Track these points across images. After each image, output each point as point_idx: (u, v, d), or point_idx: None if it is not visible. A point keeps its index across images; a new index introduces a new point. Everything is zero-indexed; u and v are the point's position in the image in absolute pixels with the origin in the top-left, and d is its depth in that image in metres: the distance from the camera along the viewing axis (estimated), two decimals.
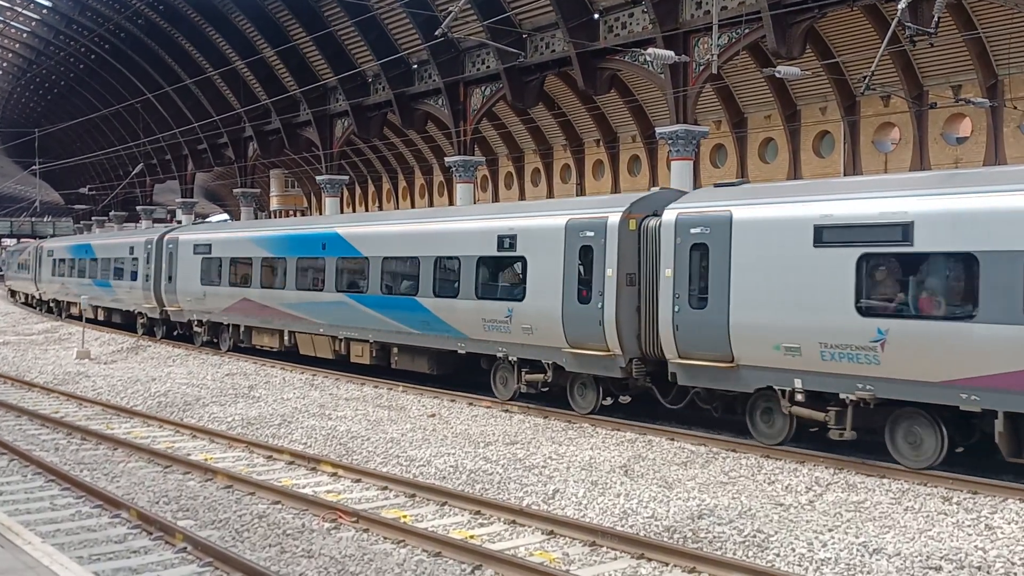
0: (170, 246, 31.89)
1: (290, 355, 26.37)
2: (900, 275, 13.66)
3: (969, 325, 12.54)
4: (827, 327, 13.83)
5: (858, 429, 14.00)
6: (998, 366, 12.22)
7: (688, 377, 15.99)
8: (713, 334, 15.27)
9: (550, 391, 18.85)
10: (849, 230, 13.77)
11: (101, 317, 37.76)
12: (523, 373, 18.81)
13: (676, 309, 15.86)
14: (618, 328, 16.73)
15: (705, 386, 15.95)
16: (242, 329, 28.17)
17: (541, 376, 18.49)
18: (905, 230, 13.16)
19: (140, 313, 34.36)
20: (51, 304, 45.87)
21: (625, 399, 18.78)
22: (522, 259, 18.63)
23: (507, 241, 18.92)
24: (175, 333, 32.71)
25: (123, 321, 36.55)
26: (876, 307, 13.56)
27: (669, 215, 16.26)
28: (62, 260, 43.15)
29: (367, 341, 22.72)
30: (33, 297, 51.38)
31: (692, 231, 15.78)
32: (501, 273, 19.64)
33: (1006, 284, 12.18)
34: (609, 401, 18.42)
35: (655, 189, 18.51)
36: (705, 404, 16.40)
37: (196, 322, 30.54)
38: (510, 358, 18.97)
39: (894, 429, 13.72)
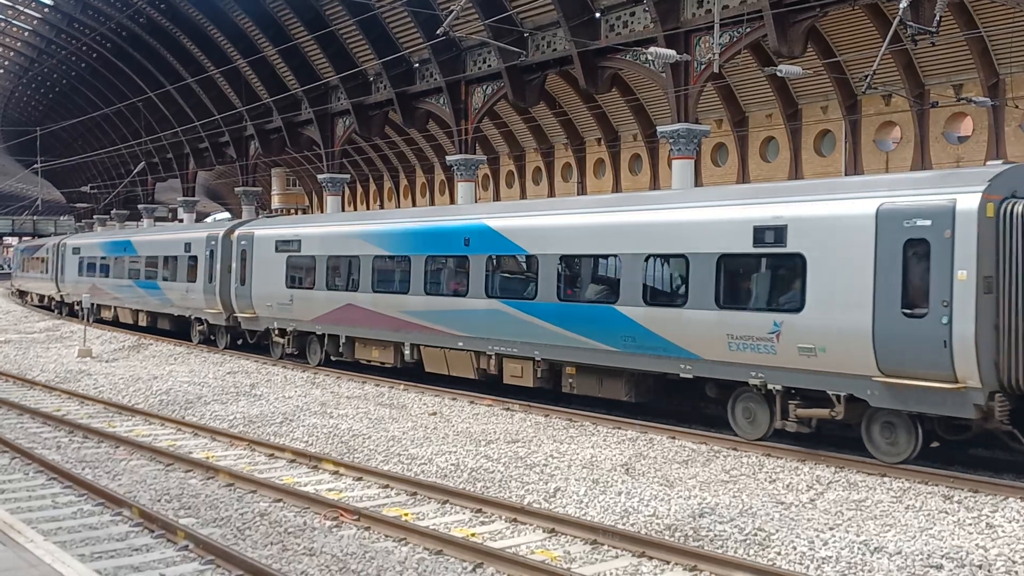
0: (243, 242, 27.82)
1: (408, 372, 23.04)
2: None
3: None
4: None
5: None
6: None
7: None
8: None
9: (819, 430, 14.93)
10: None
11: (143, 322, 33.99)
12: (792, 407, 14.56)
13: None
14: (977, 352, 12.53)
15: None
16: (342, 340, 24.01)
17: (826, 412, 14.21)
18: None
19: (199, 319, 30.41)
20: (76, 307, 39.47)
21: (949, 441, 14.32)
22: (798, 257, 14.30)
23: (771, 234, 14.65)
24: (240, 342, 28.84)
25: (173, 328, 32.20)
26: None
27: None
28: (93, 259, 38.21)
29: (531, 359, 18.58)
30: (50, 299, 47.21)
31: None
32: (758, 276, 15.22)
33: None
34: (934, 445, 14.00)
35: (998, 163, 14.18)
36: None
37: (276, 331, 26.45)
38: (770, 386, 14.75)
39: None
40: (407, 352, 21.84)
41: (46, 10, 59.59)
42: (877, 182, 14.28)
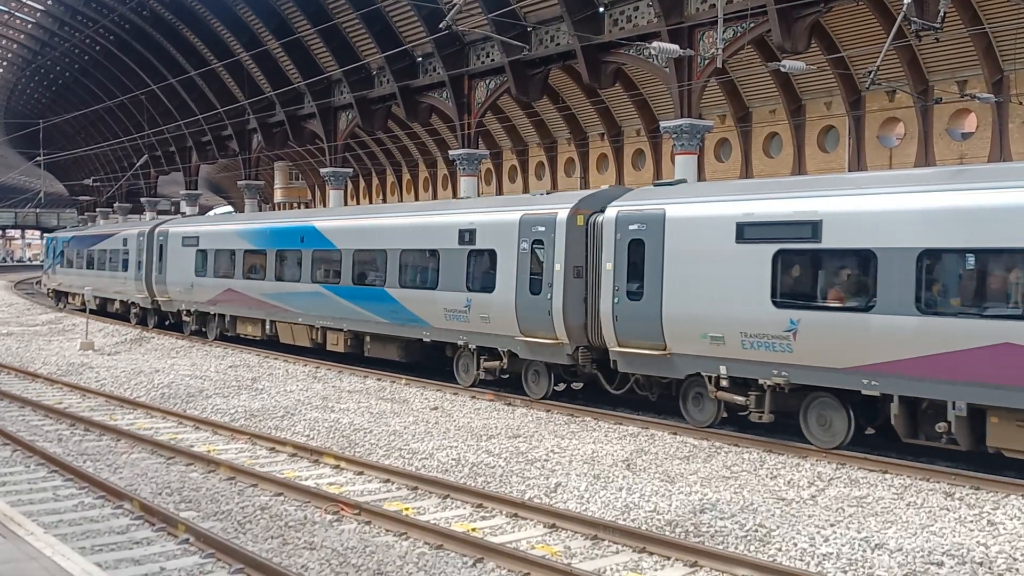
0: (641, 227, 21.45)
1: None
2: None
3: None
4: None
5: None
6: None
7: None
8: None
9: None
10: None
11: (341, 346, 24.12)
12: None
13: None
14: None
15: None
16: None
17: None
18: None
19: (475, 346, 20.36)
20: (185, 317, 31.69)
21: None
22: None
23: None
24: (560, 389, 20.39)
25: (403, 356, 22.53)
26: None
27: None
28: (231, 251, 29.03)
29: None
30: (130, 305, 36.14)
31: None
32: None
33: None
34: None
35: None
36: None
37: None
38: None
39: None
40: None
41: (49, 3, 59.55)
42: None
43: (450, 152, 39.65)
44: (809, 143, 34.59)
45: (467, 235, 20.23)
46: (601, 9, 31.54)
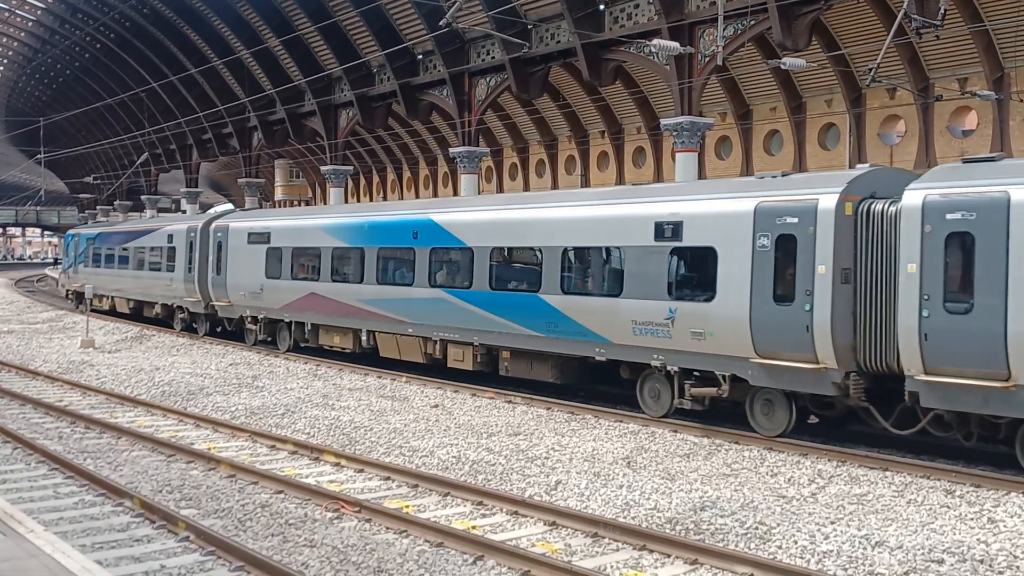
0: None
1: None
2: None
3: None
4: None
5: None
6: None
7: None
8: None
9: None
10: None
11: (467, 362, 20.63)
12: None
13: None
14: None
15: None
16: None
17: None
18: None
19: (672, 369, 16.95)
20: (249, 323, 28.15)
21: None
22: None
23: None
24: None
25: (557, 377, 19.06)
26: None
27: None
28: (312, 251, 25.31)
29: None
30: (176, 310, 32.48)
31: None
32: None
33: None
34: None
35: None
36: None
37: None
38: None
39: None
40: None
41: (50, 1, 59.52)
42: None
43: (451, 150, 39.62)
44: (810, 141, 34.57)
45: (669, 229, 16.25)
46: (602, 7, 31.50)
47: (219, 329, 30.49)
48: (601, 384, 19.78)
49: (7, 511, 9.94)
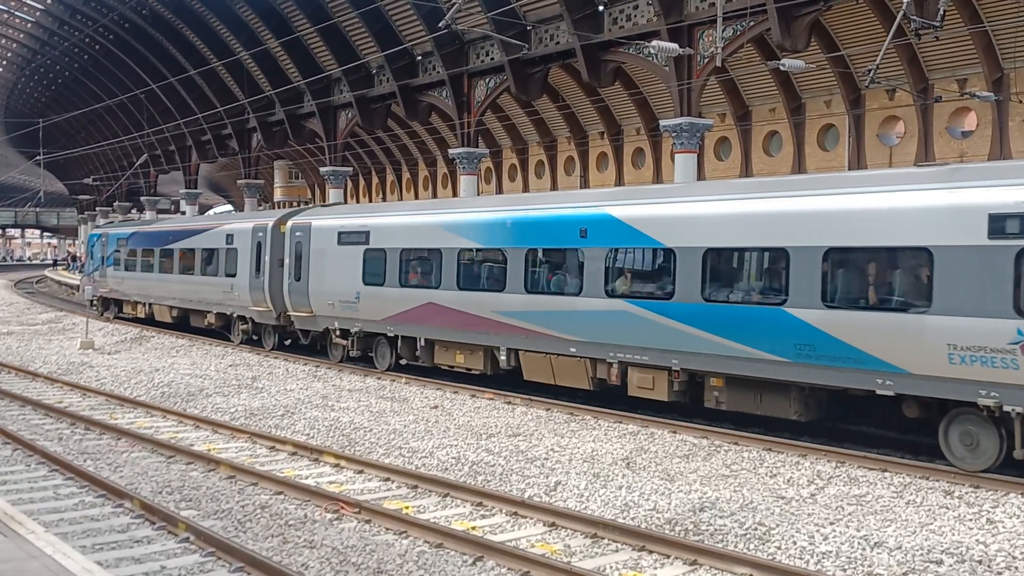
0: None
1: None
2: None
3: None
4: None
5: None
6: None
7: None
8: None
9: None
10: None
11: (662, 392, 16.83)
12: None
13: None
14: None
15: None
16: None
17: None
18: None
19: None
20: (341, 338, 24.19)
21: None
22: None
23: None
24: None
25: (802, 413, 15.30)
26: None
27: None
28: (428, 254, 21.55)
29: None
30: (227, 316, 29.33)
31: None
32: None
33: None
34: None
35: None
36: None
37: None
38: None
39: None
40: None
41: (49, 2, 59.52)
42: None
43: (450, 151, 39.65)
44: (809, 142, 34.61)
45: (1015, 223, 12.18)
46: (601, 8, 31.53)
47: (288, 342, 27.46)
48: (862, 422, 16.29)
49: (7, 512, 9.94)
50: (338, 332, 24.14)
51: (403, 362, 22.75)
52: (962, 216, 12.75)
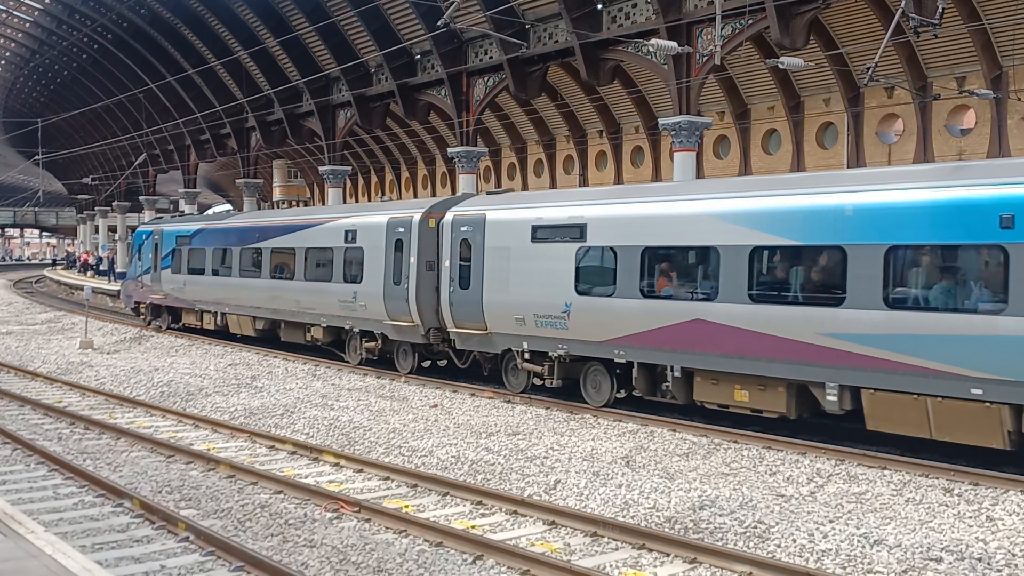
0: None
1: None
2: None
3: None
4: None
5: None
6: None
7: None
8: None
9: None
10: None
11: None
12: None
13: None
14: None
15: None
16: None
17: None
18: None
19: None
20: (527, 362, 18.98)
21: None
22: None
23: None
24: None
25: None
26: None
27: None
28: (689, 254, 16.78)
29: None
30: (345, 331, 24.16)
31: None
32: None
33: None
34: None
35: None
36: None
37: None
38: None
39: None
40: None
41: (47, 2, 59.48)
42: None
43: (448, 150, 39.62)
44: (808, 140, 34.60)
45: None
46: (599, 6, 31.50)
47: (428, 364, 23.13)
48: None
49: (7, 512, 9.94)
50: (527, 355, 18.96)
51: (620, 394, 17.89)
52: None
